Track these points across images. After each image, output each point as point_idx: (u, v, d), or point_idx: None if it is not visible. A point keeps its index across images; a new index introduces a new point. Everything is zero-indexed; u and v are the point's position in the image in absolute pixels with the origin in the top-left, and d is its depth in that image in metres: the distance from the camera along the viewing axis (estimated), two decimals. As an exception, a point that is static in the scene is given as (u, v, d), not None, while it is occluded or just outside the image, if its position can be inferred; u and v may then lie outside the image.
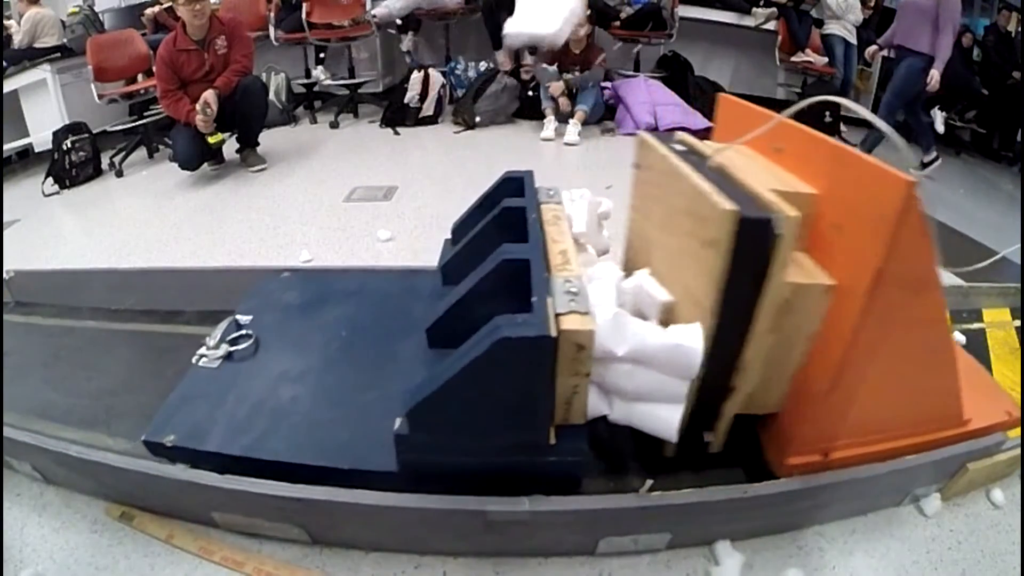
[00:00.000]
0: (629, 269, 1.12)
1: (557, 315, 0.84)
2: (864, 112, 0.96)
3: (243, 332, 1.30)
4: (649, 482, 0.97)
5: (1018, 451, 1.18)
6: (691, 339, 0.85)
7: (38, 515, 1.16)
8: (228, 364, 1.24)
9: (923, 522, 1.13)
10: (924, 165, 3.68)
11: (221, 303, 1.65)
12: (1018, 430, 1.20)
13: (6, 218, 2.75)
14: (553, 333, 0.81)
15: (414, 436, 0.92)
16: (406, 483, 0.98)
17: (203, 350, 1.25)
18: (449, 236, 1.42)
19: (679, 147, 1.05)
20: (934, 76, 3.30)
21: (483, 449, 0.94)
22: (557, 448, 0.93)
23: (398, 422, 0.93)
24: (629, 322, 0.88)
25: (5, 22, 3.92)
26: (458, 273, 1.19)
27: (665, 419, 0.91)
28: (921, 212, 0.77)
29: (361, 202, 2.70)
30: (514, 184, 1.33)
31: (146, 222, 2.64)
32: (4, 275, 1.77)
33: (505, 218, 1.19)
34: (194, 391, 1.17)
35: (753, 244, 0.77)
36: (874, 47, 3.72)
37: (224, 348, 1.26)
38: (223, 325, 1.31)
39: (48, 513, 1.16)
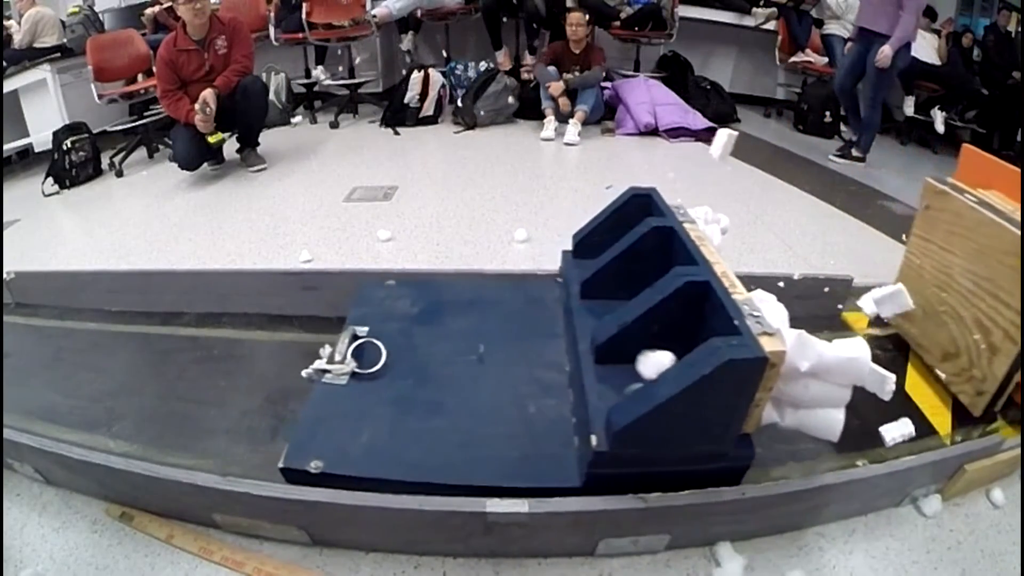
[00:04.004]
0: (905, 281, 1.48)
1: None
2: None
3: (366, 344, 1.23)
4: None
5: (1018, 451, 1.18)
6: (862, 352, 0.96)
7: (38, 515, 1.16)
8: (357, 380, 1.18)
9: (923, 522, 1.13)
10: (850, 145, 3.52)
11: (222, 305, 1.67)
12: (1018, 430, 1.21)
13: (6, 218, 2.75)
14: (767, 355, 0.86)
15: (613, 452, 0.92)
16: (587, 495, 0.98)
17: (320, 363, 1.18)
18: (569, 248, 1.44)
19: (971, 198, 1.31)
20: (885, 51, 3.06)
21: (671, 459, 0.96)
22: (732, 454, 0.99)
23: (594, 439, 0.93)
24: (811, 340, 0.95)
25: (5, 22, 3.92)
26: (602, 289, 1.24)
27: (834, 422, 1.02)
28: None
29: (361, 202, 2.70)
30: (641, 200, 1.34)
31: (146, 222, 2.63)
32: (4, 276, 1.77)
33: (651, 237, 1.22)
34: (327, 411, 1.11)
35: None
36: (849, 43, 3.62)
37: (351, 364, 1.19)
38: (344, 339, 1.23)
39: (48, 513, 1.16)
